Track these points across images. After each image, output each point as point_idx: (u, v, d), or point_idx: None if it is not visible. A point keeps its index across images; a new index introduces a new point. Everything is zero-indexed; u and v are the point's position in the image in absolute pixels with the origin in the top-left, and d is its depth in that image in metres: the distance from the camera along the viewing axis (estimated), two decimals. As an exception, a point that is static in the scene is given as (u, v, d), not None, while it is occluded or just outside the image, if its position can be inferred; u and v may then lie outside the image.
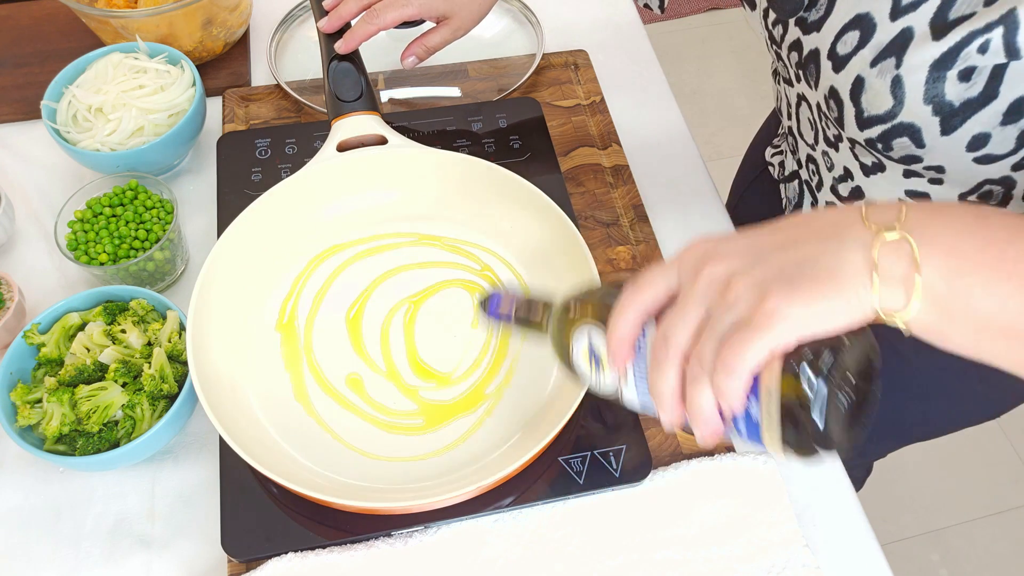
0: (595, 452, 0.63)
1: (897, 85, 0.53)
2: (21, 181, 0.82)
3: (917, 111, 0.53)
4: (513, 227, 0.73)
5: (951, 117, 0.52)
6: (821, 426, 0.37)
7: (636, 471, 0.62)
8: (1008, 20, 0.47)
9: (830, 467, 0.66)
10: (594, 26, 0.99)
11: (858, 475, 1.23)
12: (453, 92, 0.90)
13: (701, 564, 0.60)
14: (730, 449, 0.65)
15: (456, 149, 0.81)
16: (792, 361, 0.37)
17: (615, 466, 0.62)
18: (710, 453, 0.65)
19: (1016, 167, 0.54)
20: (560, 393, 0.64)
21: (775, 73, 0.74)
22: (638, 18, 1.01)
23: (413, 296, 0.71)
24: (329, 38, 0.76)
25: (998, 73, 0.49)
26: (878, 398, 0.39)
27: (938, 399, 0.81)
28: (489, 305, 0.54)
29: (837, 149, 0.67)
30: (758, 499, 0.62)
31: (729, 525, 0.61)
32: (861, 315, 0.37)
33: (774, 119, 0.92)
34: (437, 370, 0.67)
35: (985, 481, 1.59)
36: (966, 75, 0.50)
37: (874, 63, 0.54)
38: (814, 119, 0.68)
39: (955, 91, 0.51)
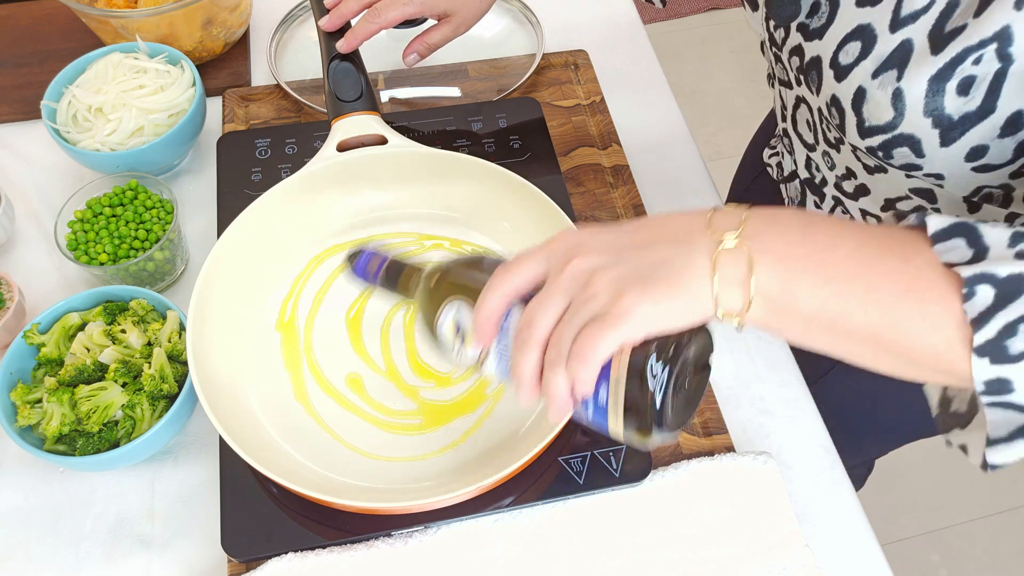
0: (595, 452, 0.63)
1: (898, 98, 0.53)
2: (21, 181, 0.82)
3: (917, 123, 0.53)
4: (513, 227, 0.73)
5: (950, 130, 0.52)
6: (661, 411, 0.42)
7: (636, 471, 0.62)
8: (1002, 37, 0.48)
9: (830, 467, 0.66)
10: (594, 26, 0.99)
11: (860, 473, 1.23)
12: (453, 92, 0.90)
13: (701, 564, 0.60)
14: (730, 449, 0.65)
15: (456, 149, 0.81)
16: (640, 353, 0.41)
17: (615, 466, 0.62)
18: (710, 453, 0.65)
19: (1014, 175, 0.54)
20: (560, 393, 0.64)
21: (770, 76, 0.74)
22: (638, 18, 1.01)
23: (413, 296, 0.71)
24: (330, 37, 0.76)
25: (995, 87, 0.49)
26: (707, 388, 0.44)
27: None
28: (357, 262, 0.54)
29: (839, 150, 0.67)
30: (758, 499, 0.62)
31: (729, 525, 0.61)
32: (703, 315, 0.41)
33: (772, 120, 0.92)
34: (437, 370, 0.67)
35: (985, 481, 1.59)
36: (964, 89, 0.50)
37: (876, 75, 0.54)
38: (814, 122, 0.68)
39: (954, 105, 0.51)
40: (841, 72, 0.57)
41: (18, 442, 0.59)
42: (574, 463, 0.62)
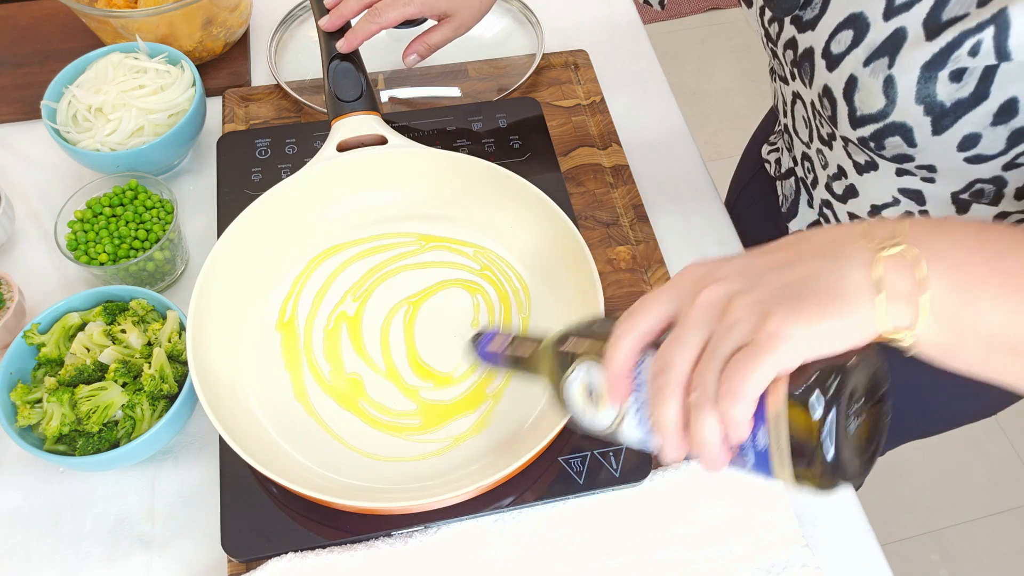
0: (595, 452, 0.63)
1: (889, 85, 0.53)
2: (21, 181, 0.82)
3: (909, 111, 0.53)
4: (513, 227, 0.73)
5: (942, 117, 0.52)
6: (833, 452, 0.35)
7: (636, 471, 0.62)
8: (999, 20, 0.47)
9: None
10: (594, 26, 0.99)
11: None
12: (453, 92, 0.90)
13: (701, 564, 0.60)
14: (730, 449, 0.65)
15: (456, 149, 0.81)
16: (799, 384, 0.35)
17: (615, 466, 0.62)
18: (710, 453, 0.65)
19: (1007, 167, 0.54)
20: (560, 393, 0.64)
21: (772, 71, 0.74)
22: (638, 18, 1.01)
23: (413, 296, 0.71)
24: (330, 37, 0.76)
25: (988, 74, 0.49)
26: (888, 422, 0.38)
27: (936, 395, 0.81)
28: (480, 344, 0.53)
29: (831, 147, 0.67)
30: (758, 499, 0.62)
31: (729, 525, 0.61)
32: (868, 333, 0.36)
33: (772, 117, 0.92)
34: (437, 370, 0.67)
35: (985, 481, 1.59)
36: (957, 76, 0.50)
37: (867, 62, 0.54)
38: (808, 117, 0.68)
39: (946, 91, 0.51)
40: (833, 61, 0.57)
41: (18, 442, 0.59)
42: (574, 463, 0.62)
